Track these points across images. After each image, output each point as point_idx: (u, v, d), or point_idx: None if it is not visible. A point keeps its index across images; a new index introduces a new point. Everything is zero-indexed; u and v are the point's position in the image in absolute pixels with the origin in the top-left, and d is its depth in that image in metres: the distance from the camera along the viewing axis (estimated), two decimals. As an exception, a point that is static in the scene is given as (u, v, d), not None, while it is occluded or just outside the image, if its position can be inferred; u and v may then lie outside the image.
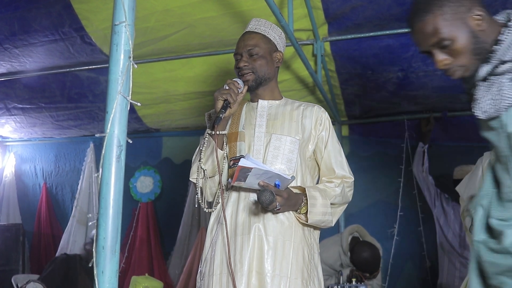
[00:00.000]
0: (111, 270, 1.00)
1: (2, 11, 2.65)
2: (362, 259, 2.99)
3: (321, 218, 1.68)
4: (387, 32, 2.69)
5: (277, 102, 1.86)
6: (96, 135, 1.12)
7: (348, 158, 1.85)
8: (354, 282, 2.83)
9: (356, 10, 2.56)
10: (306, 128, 1.80)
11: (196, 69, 3.22)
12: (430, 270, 3.65)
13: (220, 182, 1.71)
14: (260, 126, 1.79)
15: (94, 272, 0.98)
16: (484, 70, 1.27)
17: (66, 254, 3.81)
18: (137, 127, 4.18)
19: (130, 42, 1.07)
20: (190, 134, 4.31)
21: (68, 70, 3.27)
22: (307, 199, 1.66)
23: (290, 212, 1.70)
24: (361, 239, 3.16)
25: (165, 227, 4.50)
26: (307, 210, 1.66)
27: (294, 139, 1.76)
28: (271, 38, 1.82)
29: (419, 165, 3.59)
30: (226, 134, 1.79)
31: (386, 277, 3.70)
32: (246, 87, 1.77)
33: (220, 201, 1.75)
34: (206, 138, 1.72)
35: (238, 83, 1.74)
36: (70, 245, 4.33)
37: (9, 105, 3.86)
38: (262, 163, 1.66)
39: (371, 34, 2.74)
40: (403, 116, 3.78)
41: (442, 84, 3.12)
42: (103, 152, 1.03)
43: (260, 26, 1.82)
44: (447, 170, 3.47)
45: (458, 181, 2.39)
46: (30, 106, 3.86)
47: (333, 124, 1.87)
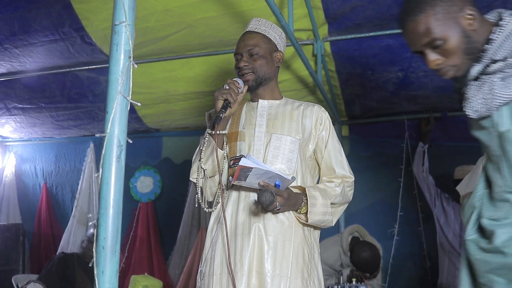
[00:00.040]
0: (111, 270, 1.00)
1: (2, 11, 2.65)
2: (362, 259, 2.99)
3: (321, 218, 1.68)
4: (387, 32, 2.69)
5: (277, 101, 1.85)
6: (96, 135, 1.12)
7: (348, 158, 1.85)
8: (354, 282, 2.83)
9: (356, 10, 2.56)
10: (306, 127, 1.80)
11: (196, 69, 3.22)
12: (430, 270, 3.65)
13: (220, 182, 1.71)
14: (260, 125, 1.79)
15: (94, 272, 0.98)
16: (475, 69, 1.26)
17: (63, 253, 3.81)
18: (137, 127, 4.19)
19: (130, 42, 1.07)
20: (190, 134, 4.31)
21: (68, 70, 3.27)
22: (307, 199, 1.66)
23: (290, 212, 1.70)
24: (361, 239, 3.16)
25: (165, 227, 4.50)
26: (307, 210, 1.66)
27: (295, 139, 1.75)
28: (272, 38, 1.82)
29: (419, 165, 3.59)
30: (226, 134, 1.79)
31: (386, 277, 3.70)
32: (246, 87, 1.77)
33: (220, 200, 1.75)
34: (206, 138, 1.72)
35: (238, 83, 1.73)
36: (70, 245, 4.32)
37: (9, 105, 3.86)
38: (263, 163, 1.66)
39: (371, 34, 2.74)
40: (403, 116, 3.78)
41: (442, 84, 3.12)
42: (103, 152, 1.03)
43: (260, 26, 1.82)
44: (447, 170, 3.47)
45: (459, 181, 2.38)
46: (30, 106, 3.86)
47: (333, 124, 1.87)
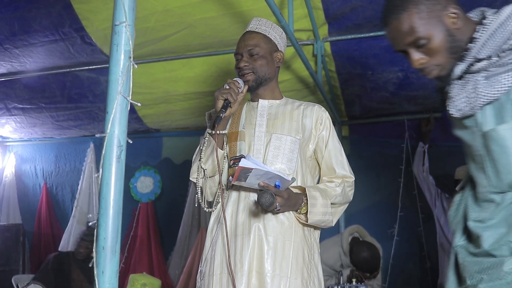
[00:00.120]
0: (111, 270, 1.00)
1: (2, 11, 2.65)
2: (361, 259, 2.99)
3: (321, 218, 1.67)
4: (387, 32, 2.69)
5: (277, 101, 1.85)
6: (96, 135, 1.12)
7: (348, 158, 1.85)
8: (354, 283, 2.83)
9: (356, 10, 2.56)
10: (306, 127, 1.79)
11: (196, 69, 3.22)
12: (430, 270, 3.65)
13: (220, 181, 1.71)
14: (260, 125, 1.79)
15: (94, 272, 0.98)
16: (459, 68, 1.24)
17: (59, 252, 3.83)
18: (137, 127, 4.19)
19: (131, 42, 1.07)
20: (190, 134, 4.31)
21: (68, 70, 3.27)
22: (307, 199, 1.66)
23: (290, 212, 1.69)
24: (361, 240, 3.16)
25: (165, 227, 4.50)
26: (307, 210, 1.65)
27: (295, 139, 1.75)
28: (272, 38, 1.81)
29: (420, 165, 3.59)
30: (226, 134, 1.79)
31: (386, 277, 3.70)
32: (247, 87, 1.76)
33: (220, 200, 1.75)
34: (207, 138, 1.72)
35: (239, 83, 1.73)
36: (70, 245, 4.32)
37: (9, 105, 3.86)
38: (263, 164, 1.65)
39: (371, 34, 2.74)
40: (403, 116, 3.79)
41: (442, 84, 3.11)
42: (103, 152, 1.03)
43: (260, 26, 1.82)
44: (448, 170, 3.47)
45: (459, 181, 2.38)
46: (30, 106, 3.86)
47: (333, 124, 1.87)
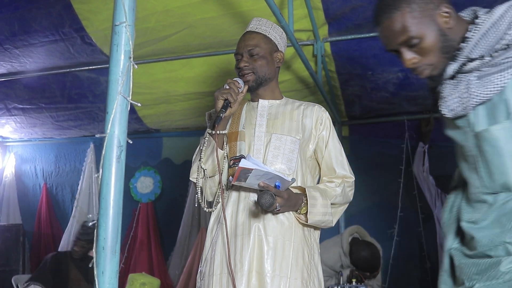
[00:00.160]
0: (111, 271, 1.00)
1: (2, 11, 2.65)
2: (361, 258, 2.99)
3: (321, 218, 1.67)
4: (387, 32, 2.69)
5: (277, 101, 1.85)
6: (96, 136, 1.12)
7: (348, 158, 1.84)
8: (354, 283, 2.83)
9: (356, 10, 2.56)
10: (306, 127, 1.79)
11: (196, 69, 3.22)
12: (430, 270, 3.65)
13: (220, 181, 1.71)
14: (260, 125, 1.79)
15: (95, 272, 0.98)
16: (451, 68, 1.23)
17: (56, 252, 3.83)
18: (137, 128, 4.19)
19: (131, 43, 1.07)
20: (190, 134, 4.31)
21: (68, 70, 3.27)
22: (307, 199, 1.66)
23: (290, 212, 1.69)
24: (361, 239, 3.17)
25: (165, 228, 4.50)
26: (307, 211, 1.66)
27: (295, 139, 1.75)
28: (272, 38, 1.81)
29: (420, 165, 3.58)
30: (226, 134, 1.79)
31: (386, 277, 3.70)
32: (247, 87, 1.76)
33: (220, 200, 1.75)
34: (207, 138, 1.72)
35: (239, 83, 1.73)
36: (70, 245, 4.32)
37: (9, 105, 3.86)
38: (263, 164, 1.65)
39: (371, 34, 2.73)
40: (403, 116, 3.78)
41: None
42: (103, 152, 1.03)
43: (261, 26, 1.82)
44: (448, 170, 3.43)
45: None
46: (30, 107, 3.86)
47: (333, 124, 1.87)
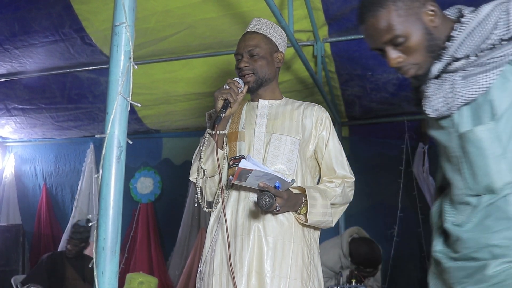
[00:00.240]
0: (111, 271, 1.00)
1: (2, 12, 2.66)
2: (361, 253, 3.00)
3: (321, 218, 1.67)
4: (387, 33, 2.69)
5: (277, 101, 1.85)
6: (96, 136, 1.12)
7: (348, 159, 1.84)
8: (353, 283, 2.83)
9: (356, 11, 2.56)
10: (306, 127, 1.79)
11: (196, 70, 3.22)
12: (430, 271, 3.65)
13: (220, 181, 1.71)
14: (260, 125, 1.79)
15: (94, 273, 0.98)
16: (436, 67, 1.20)
17: (52, 252, 3.83)
18: (137, 128, 4.19)
19: (131, 43, 1.07)
20: (190, 135, 4.31)
21: (68, 71, 3.27)
22: (307, 200, 1.65)
23: (290, 212, 1.69)
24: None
25: (165, 228, 4.50)
26: (307, 211, 1.65)
27: (295, 139, 1.75)
28: (272, 39, 1.81)
29: (420, 165, 3.59)
30: (226, 134, 1.79)
31: (386, 277, 3.70)
32: (247, 87, 1.76)
33: (220, 201, 1.75)
34: (206, 138, 1.72)
35: (239, 83, 1.73)
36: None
37: (9, 105, 3.86)
38: (263, 165, 1.65)
39: (371, 35, 2.73)
40: (403, 117, 3.78)
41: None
42: (103, 153, 1.03)
43: (261, 26, 1.82)
44: (448, 171, 3.47)
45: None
46: (30, 107, 3.86)
47: (333, 124, 1.87)
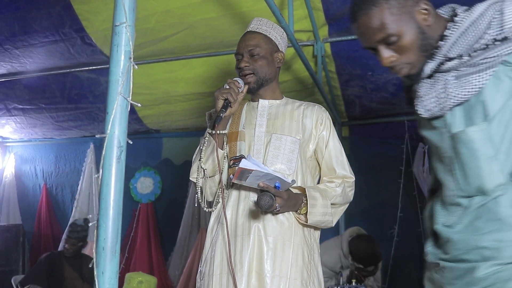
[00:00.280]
0: (111, 271, 1.00)
1: (2, 12, 2.66)
2: (361, 249, 3.00)
3: (321, 218, 1.67)
4: (388, 33, 2.69)
5: (277, 101, 1.85)
6: (96, 136, 1.12)
7: (348, 159, 1.84)
8: (354, 283, 2.83)
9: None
10: (306, 127, 1.79)
11: (196, 70, 3.22)
12: (430, 271, 3.65)
13: (220, 181, 1.71)
14: (260, 125, 1.79)
15: (95, 273, 0.98)
16: (429, 66, 1.19)
17: (50, 252, 3.83)
18: (137, 128, 4.19)
19: (131, 43, 1.07)
20: (190, 135, 4.31)
21: (68, 71, 3.27)
22: (307, 200, 1.65)
23: (290, 212, 1.69)
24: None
25: (165, 228, 4.50)
26: (307, 211, 1.65)
27: (295, 139, 1.75)
28: (273, 38, 1.81)
29: (420, 165, 3.59)
30: (226, 134, 1.79)
31: (386, 277, 3.70)
32: (247, 87, 1.76)
33: (220, 200, 1.74)
34: (207, 138, 1.71)
35: (239, 83, 1.73)
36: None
37: (9, 105, 3.86)
38: (263, 165, 1.65)
39: (372, 35, 2.73)
40: (403, 117, 3.79)
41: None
42: (104, 153, 1.02)
43: (261, 26, 1.82)
44: (448, 171, 3.46)
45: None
46: (30, 107, 3.86)
47: (333, 124, 1.87)
